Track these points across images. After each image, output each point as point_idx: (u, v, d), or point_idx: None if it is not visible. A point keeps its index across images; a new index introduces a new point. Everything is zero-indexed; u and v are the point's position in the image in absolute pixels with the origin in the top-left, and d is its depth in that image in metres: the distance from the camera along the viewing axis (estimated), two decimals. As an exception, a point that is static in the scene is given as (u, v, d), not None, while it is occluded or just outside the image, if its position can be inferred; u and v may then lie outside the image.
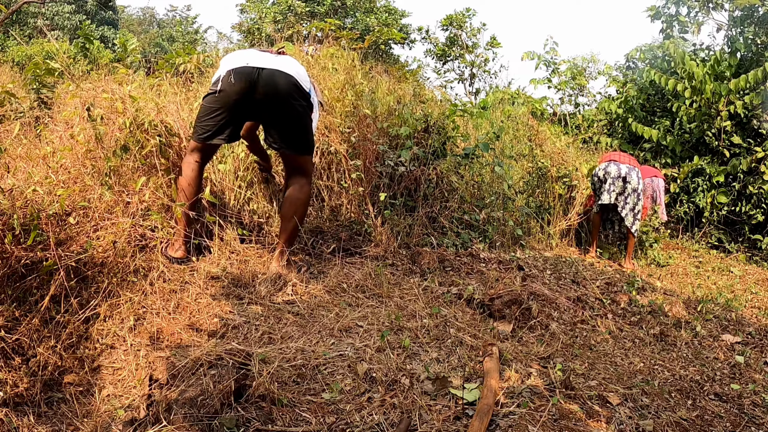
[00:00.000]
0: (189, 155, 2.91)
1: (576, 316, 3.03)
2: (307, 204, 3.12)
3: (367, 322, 2.48)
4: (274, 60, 2.87)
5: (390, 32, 11.25)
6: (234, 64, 2.83)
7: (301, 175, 3.03)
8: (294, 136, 2.96)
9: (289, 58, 2.96)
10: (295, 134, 2.96)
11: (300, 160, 3.02)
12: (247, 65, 2.80)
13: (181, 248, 2.84)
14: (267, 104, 2.84)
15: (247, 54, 2.90)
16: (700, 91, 7.29)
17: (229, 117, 2.86)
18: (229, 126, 2.89)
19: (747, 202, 7.24)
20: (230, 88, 2.78)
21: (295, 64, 2.95)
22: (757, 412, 2.12)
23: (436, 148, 4.34)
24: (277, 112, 2.88)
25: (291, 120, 2.93)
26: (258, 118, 3.02)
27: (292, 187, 3.02)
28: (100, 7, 21.08)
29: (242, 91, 2.79)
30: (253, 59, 2.84)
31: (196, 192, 2.87)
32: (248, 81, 2.78)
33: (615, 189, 5.29)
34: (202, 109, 2.90)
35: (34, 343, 2.03)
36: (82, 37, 6.85)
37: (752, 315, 4.01)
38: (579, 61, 9.65)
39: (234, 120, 2.91)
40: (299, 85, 2.90)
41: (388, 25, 16.45)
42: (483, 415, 1.68)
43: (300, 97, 2.91)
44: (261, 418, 1.70)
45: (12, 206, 2.21)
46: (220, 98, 2.81)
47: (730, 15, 8.20)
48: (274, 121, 2.93)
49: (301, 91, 2.92)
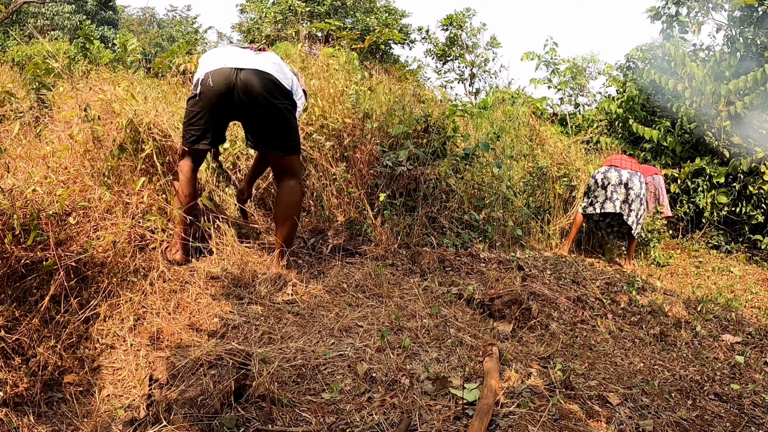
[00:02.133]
0: (181, 160, 2.89)
1: (576, 316, 3.03)
2: (301, 204, 3.07)
3: (367, 322, 2.48)
4: (252, 59, 2.77)
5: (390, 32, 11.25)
6: (211, 65, 2.74)
7: (289, 176, 2.95)
8: (278, 136, 2.87)
9: (269, 55, 2.87)
10: (279, 135, 2.86)
11: (287, 160, 2.93)
12: (225, 66, 2.71)
13: (179, 252, 2.83)
14: (247, 106, 2.75)
15: (225, 54, 2.80)
16: (701, 91, 7.29)
17: (210, 120, 2.79)
18: (210, 129, 2.82)
19: (747, 203, 7.24)
20: (209, 90, 2.71)
21: (275, 62, 2.85)
22: (757, 412, 2.12)
23: (436, 148, 4.34)
24: (258, 114, 2.79)
25: (273, 121, 2.83)
26: (240, 119, 2.95)
27: (282, 191, 2.95)
28: (100, 7, 21.08)
29: (221, 93, 2.71)
30: (231, 59, 2.74)
31: (191, 195, 2.84)
32: (226, 83, 2.69)
33: (618, 197, 5.21)
34: (185, 113, 2.84)
35: (34, 343, 2.03)
36: (82, 37, 6.85)
37: (752, 315, 4.01)
38: (579, 61, 9.65)
39: (215, 123, 2.83)
40: (280, 84, 2.80)
41: (388, 25, 16.45)
42: (483, 415, 1.68)
43: (281, 95, 2.81)
44: (261, 418, 1.70)
45: (12, 206, 2.21)
46: (200, 101, 2.75)
47: (730, 15, 8.19)
48: (257, 123, 2.85)
49: (282, 89, 2.82)
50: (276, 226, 3.00)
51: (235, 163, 3.85)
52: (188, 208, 2.83)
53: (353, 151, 4.09)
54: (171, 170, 3.02)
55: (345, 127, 4.17)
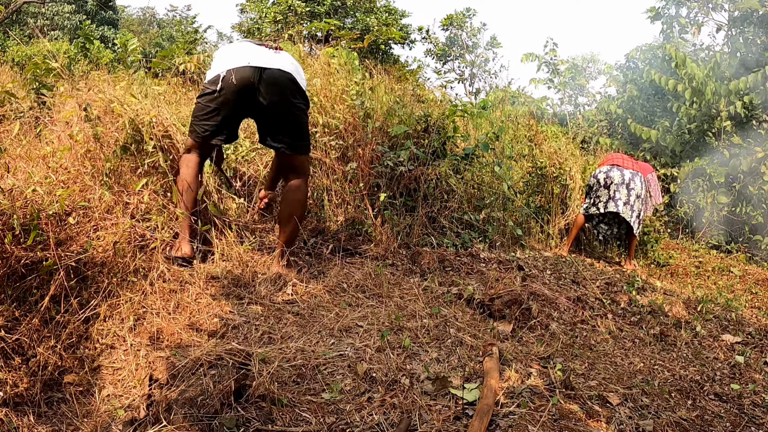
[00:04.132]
0: (187, 154, 2.88)
1: (576, 316, 3.03)
2: (305, 204, 3.10)
3: (367, 322, 2.48)
4: (274, 59, 2.84)
5: (390, 32, 11.25)
6: (234, 62, 2.79)
7: (298, 175, 3.01)
8: (294, 136, 2.95)
9: (287, 56, 2.94)
10: (294, 134, 2.95)
11: (298, 159, 3.01)
12: (249, 65, 2.77)
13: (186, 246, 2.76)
14: (269, 105, 2.83)
15: (247, 51, 2.85)
16: (701, 91, 7.29)
17: (228, 117, 2.85)
18: (227, 126, 2.88)
19: (747, 203, 7.24)
20: (231, 88, 2.75)
21: (293, 62, 2.94)
22: (757, 412, 2.12)
23: (436, 148, 4.34)
24: (278, 113, 2.87)
25: (292, 120, 2.92)
26: (255, 117, 3.00)
27: (289, 188, 3.00)
28: (100, 7, 21.08)
29: (244, 91, 2.77)
30: (254, 58, 2.80)
31: (195, 189, 2.84)
32: (250, 81, 2.76)
33: (621, 197, 5.20)
34: (198, 107, 2.86)
35: (34, 343, 2.03)
36: (83, 37, 6.85)
37: (752, 315, 4.01)
38: (579, 61, 9.65)
39: (233, 120, 2.91)
40: (299, 84, 2.90)
41: (388, 25, 16.44)
42: (483, 415, 1.68)
43: (300, 95, 2.91)
44: (261, 418, 1.70)
45: (12, 206, 2.21)
46: (220, 98, 2.78)
47: (730, 15, 8.19)
48: (274, 121, 2.92)
49: (301, 90, 2.92)
50: (279, 224, 3.03)
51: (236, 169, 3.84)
52: (192, 202, 2.82)
53: (355, 150, 4.09)
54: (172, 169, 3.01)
55: (346, 127, 4.18)
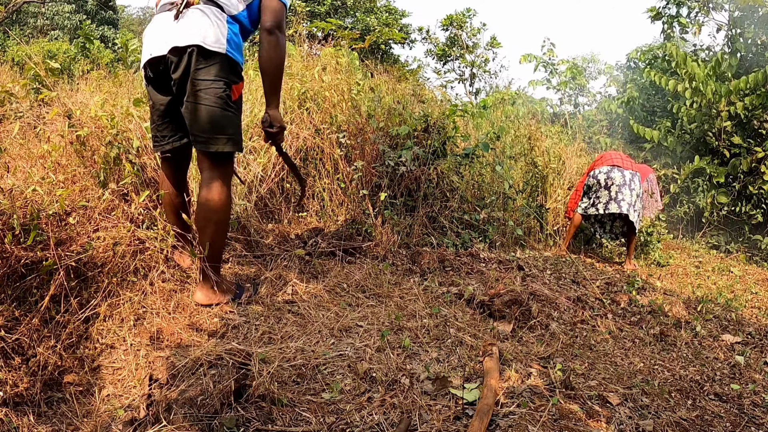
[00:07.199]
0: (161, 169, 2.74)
1: (576, 316, 3.03)
2: (222, 211, 2.39)
3: (367, 322, 2.48)
4: (175, 33, 2.29)
5: (390, 32, 11.25)
6: (143, 56, 2.42)
7: (209, 180, 2.38)
8: (199, 125, 2.32)
9: (191, 16, 2.30)
10: (200, 122, 2.32)
11: (211, 158, 2.37)
12: (151, 56, 2.35)
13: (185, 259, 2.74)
14: (178, 90, 2.37)
15: (150, 38, 2.40)
16: (701, 91, 7.29)
17: (160, 118, 2.53)
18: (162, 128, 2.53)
19: (747, 203, 7.25)
20: (147, 86, 2.53)
21: (203, 21, 2.29)
22: (757, 412, 2.12)
23: (436, 148, 4.34)
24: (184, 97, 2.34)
25: (195, 103, 2.31)
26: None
27: (198, 202, 2.41)
28: (100, 6, 21.08)
29: (157, 87, 2.46)
30: (155, 45, 2.35)
31: (176, 204, 2.67)
32: (159, 74, 2.40)
33: (623, 198, 5.20)
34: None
35: (34, 343, 2.03)
36: (83, 36, 6.85)
37: (752, 315, 4.00)
38: (579, 61, 9.66)
39: (165, 120, 2.52)
40: (206, 49, 2.27)
41: (389, 25, 16.45)
42: (483, 415, 1.68)
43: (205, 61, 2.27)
44: (261, 418, 1.70)
45: (12, 206, 2.21)
46: (150, 102, 2.53)
47: (731, 15, 8.19)
48: (183, 107, 2.37)
49: (208, 53, 2.27)
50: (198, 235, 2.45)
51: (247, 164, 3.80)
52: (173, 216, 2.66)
53: (362, 149, 4.09)
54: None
55: (349, 127, 4.18)
